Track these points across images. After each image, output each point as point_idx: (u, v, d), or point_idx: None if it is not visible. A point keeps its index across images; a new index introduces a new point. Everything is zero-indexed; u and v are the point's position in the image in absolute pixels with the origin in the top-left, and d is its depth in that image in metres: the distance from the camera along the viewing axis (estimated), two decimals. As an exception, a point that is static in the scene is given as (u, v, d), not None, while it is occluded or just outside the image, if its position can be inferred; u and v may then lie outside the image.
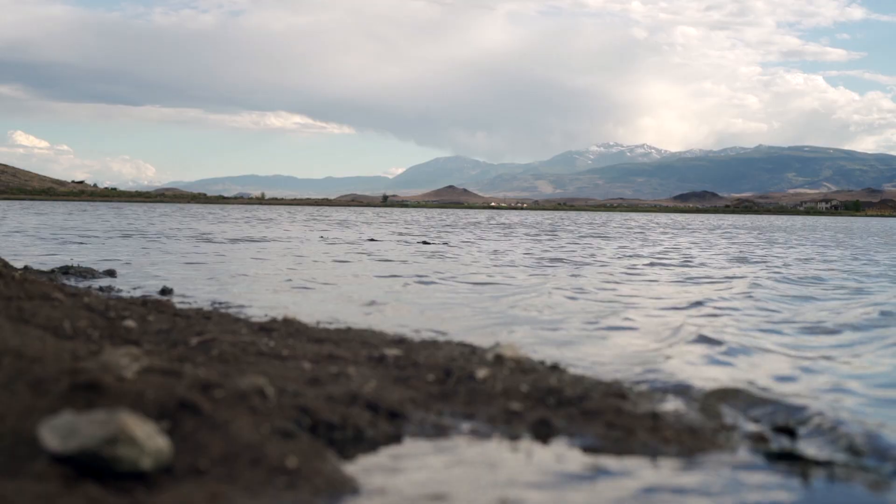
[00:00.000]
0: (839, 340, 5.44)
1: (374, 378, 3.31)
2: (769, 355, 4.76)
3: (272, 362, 3.53)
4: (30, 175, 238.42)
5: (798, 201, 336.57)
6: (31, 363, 2.64)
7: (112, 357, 2.77)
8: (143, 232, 22.46)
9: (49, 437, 2.07)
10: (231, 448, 2.26)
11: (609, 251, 17.37)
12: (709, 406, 3.25)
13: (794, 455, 2.69)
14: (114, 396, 2.39)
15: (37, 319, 4.00)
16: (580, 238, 24.71)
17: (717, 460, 2.63)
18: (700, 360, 4.57)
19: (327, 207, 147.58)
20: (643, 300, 7.84)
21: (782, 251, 18.73)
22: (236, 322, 4.86)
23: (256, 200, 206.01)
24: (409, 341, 4.27)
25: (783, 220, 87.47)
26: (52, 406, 2.32)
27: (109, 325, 4.19)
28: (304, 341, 4.21)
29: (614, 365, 4.34)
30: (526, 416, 2.96)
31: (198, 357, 3.59)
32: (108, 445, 2.03)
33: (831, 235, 32.89)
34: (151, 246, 15.96)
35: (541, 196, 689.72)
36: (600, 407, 3.04)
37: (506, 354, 3.66)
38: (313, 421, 2.66)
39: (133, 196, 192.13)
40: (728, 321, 6.29)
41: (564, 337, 5.37)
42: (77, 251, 14.04)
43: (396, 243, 18.89)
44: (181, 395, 2.45)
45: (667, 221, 65.33)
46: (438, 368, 3.47)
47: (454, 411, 3.03)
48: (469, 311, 6.77)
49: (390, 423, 2.84)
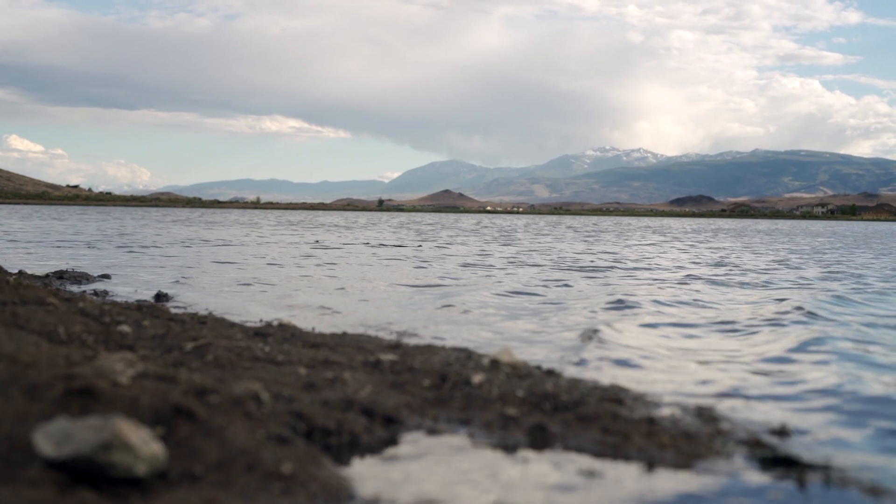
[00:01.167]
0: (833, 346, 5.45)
1: (370, 383, 3.31)
2: (759, 359, 4.76)
3: (267, 367, 3.52)
4: (24, 179, 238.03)
5: (794, 206, 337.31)
6: (25, 368, 2.63)
7: (107, 362, 2.76)
8: (139, 236, 22.43)
9: (43, 442, 2.06)
10: (226, 454, 2.25)
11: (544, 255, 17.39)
12: (705, 411, 3.24)
13: (790, 460, 2.69)
14: (108, 402, 2.38)
15: (31, 324, 3.99)
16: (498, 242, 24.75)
17: (713, 466, 2.62)
18: (691, 364, 4.58)
19: (321, 212, 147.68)
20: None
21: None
22: (231, 327, 4.85)
23: (252, 205, 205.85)
24: (404, 346, 4.26)
25: (788, 225, 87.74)
26: (47, 412, 2.31)
27: (104, 330, 4.18)
28: (299, 346, 4.20)
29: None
30: (522, 422, 2.96)
31: (193, 362, 3.58)
32: (103, 451, 2.02)
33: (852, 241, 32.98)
34: (147, 250, 15.94)
35: (537, 200, 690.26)
36: (596, 412, 3.03)
37: (502, 359, 3.66)
38: (309, 426, 2.65)
39: (128, 200, 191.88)
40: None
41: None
42: (72, 256, 14.02)
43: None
44: (176, 400, 2.44)
45: (677, 224, 65.50)
46: (434, 373, 3.46)
47: (450, 417, 3.02)
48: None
49: (386, 429, 2.83)
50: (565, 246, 21.89)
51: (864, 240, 33.76)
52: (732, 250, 21.23)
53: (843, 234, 41.08)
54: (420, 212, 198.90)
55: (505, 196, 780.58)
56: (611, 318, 6.53)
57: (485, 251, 18.25)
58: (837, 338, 5.46)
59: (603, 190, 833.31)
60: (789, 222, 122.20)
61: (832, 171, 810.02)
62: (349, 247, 19.12)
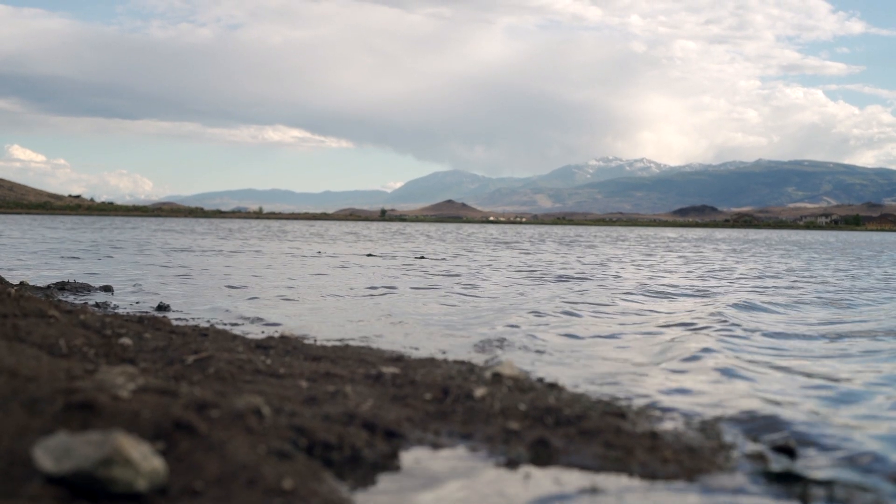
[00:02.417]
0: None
1: (372, 397, 3.30)
2: (768, 373, 4.74)
3: (269, 380, 3.51)
4: (26, 189, 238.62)
5: (798, 216, 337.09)
6: (26, 382, 2.62)
7: (107, 376, 2.75)
8: (141, 247, 22.45)
9: (43, 457, 2.06)
10: (227, 469, 2.24)
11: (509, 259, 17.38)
12: (708, 425, 3.23)
13: (793, 475, 2.67)
14: (109, 416, 2.38)
15: (32, 337, 3.98)
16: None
17: (716, 481, 2.61)
18: (698, 377, 4.56)
19: (325, 222, 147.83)
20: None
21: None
22: (233, 339, 4.84)
23: (254, 214, 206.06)
24: (406, 359, 4.25)
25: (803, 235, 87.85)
26: (47, 426, 2.30)
27: (105, 343, 4.17)
28: (300, 359, 4.19)
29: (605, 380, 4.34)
30: (524, 436, 2.94)
31: (194, 375, 3.57)
32: (103, 467, 2.02)
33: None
34: (148, 261, 15.95)
35: (540, 210, 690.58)
36: (599, 426, 3.02)
37: (504, 373, 3.64)
38: (310, 441, 2.64)
39: (130, 210, 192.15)
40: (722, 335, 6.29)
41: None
42: (73, 266, 14.03)
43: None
44: (177, 415, 2.43)
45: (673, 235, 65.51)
46: (436, 387, 3.45)
47: (452, 431, 3.01)
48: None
49: (388, 443, 2.82)
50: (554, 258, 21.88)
51: (848, 248, 33.81)
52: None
53: (827, 244, 41.21)
54: (423, 222, 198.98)
55: (507, 206, 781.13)
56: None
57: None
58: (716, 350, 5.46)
59: (606, 200, 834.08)
60: (793, 232, 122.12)
61: (836, 181, 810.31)
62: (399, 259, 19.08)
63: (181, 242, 26.70)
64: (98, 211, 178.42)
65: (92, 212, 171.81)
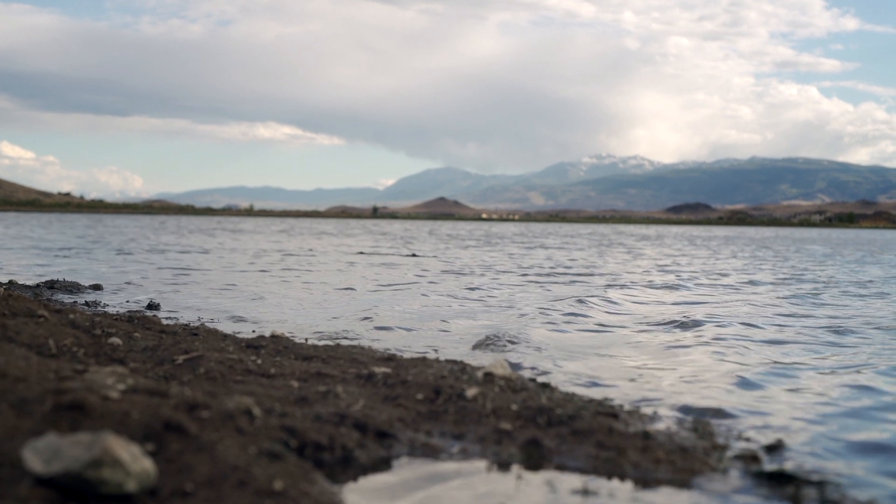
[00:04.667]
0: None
1: (363, 397, 3.28)
2: (765, 374, 4.75)
3: (259, 380, 3.50)
4: (15, 186, 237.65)
5: (792, 213, 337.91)
6: (14, 383, 2.60)
7: (97, 376, 2.73)
8: (131, 245, 22.38)
9: (32, 459, 2.04)
10: (217, 470, 2.23)
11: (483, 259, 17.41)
12: (700, 425, 3.23)
13: (786, 475, 2.67)
14: (98, 417, 2.36)
15: (21, 337, 3.96)
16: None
17: (708, 481, 2.61)
18: (691, 377, 4.56)
19: (316, 219, 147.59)
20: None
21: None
22: (224, 339, 4.82)
23: (245, 212, 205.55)
24: (398, 359, 4.24)
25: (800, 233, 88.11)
26: (36, 427, 2.29)
27: (95, 343, 4.15)
28: (291, 358, 4.17)
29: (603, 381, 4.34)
30: (516, 436, 2.94)
31: (184, 375, 3.56)
32: (93, 468, 2.00)
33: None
34: (138, 259, 15.89)
35: (532, 208, 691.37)
36: (591, 426, 3.01)
37: (496, 373, 3.63)
38: (301, 442, 2.63)
39: (120, 208, 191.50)
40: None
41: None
42: (63, 264, 13.97)
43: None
44: (167, 415, 2.41)
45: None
46: (428, 387, 3.44)
47: (443, 431, 3.00)
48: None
49: (379, 444, 2.81)
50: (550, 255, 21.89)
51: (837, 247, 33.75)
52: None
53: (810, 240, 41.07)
54: (415, 219, 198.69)
55: (500, 203, 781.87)
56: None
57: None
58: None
59: (599, 197, 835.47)
60: (785, 230, 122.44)
61: (830, 178, 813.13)
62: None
63: (171, 240, 26.62)
64: (88, 208, 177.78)
65: (82, 209, 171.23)
